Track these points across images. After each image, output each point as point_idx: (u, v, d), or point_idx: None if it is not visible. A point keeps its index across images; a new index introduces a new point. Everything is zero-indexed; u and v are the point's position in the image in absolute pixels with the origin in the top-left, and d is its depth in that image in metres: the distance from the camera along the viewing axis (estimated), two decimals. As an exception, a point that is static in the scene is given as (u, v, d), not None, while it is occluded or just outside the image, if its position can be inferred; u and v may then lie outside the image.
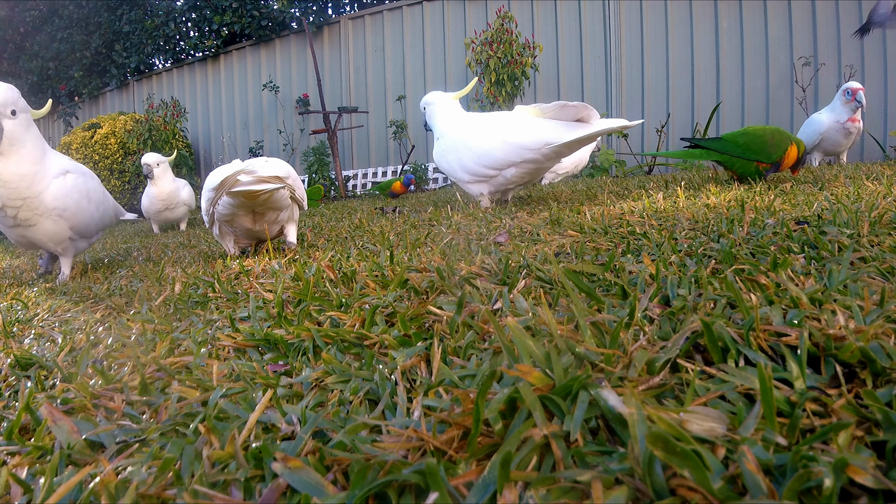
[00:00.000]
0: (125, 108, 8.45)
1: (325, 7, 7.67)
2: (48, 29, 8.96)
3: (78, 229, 1.85)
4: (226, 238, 1.86)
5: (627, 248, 1.08)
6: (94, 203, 1.92)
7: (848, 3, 4.73)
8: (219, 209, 1.65)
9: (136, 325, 1.01)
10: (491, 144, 2.12)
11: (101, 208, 1.96)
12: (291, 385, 0.66)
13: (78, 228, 1.85)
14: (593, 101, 5.68)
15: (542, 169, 2.17)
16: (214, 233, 1.92)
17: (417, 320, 0.80)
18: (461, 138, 2.26)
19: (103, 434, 0.59)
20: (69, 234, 1.84)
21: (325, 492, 0.43)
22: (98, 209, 1.94)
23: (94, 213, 1.91)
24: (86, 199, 1.86)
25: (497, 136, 2.12)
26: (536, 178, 2.25)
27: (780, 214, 1.25)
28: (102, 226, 2.03)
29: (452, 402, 0.53)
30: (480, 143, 2.16)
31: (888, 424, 0.43)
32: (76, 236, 1.88)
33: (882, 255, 0.84)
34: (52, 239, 1.82)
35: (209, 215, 1.72)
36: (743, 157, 2.15)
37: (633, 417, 0.43)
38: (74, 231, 1.85)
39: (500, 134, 2.12)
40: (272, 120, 7.40)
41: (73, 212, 1.81)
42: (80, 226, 1.85)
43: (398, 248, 1.43)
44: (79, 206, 1.83)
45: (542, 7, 5.86)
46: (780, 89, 5.04)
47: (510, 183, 2.21)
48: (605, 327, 0.65)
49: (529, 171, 2.14)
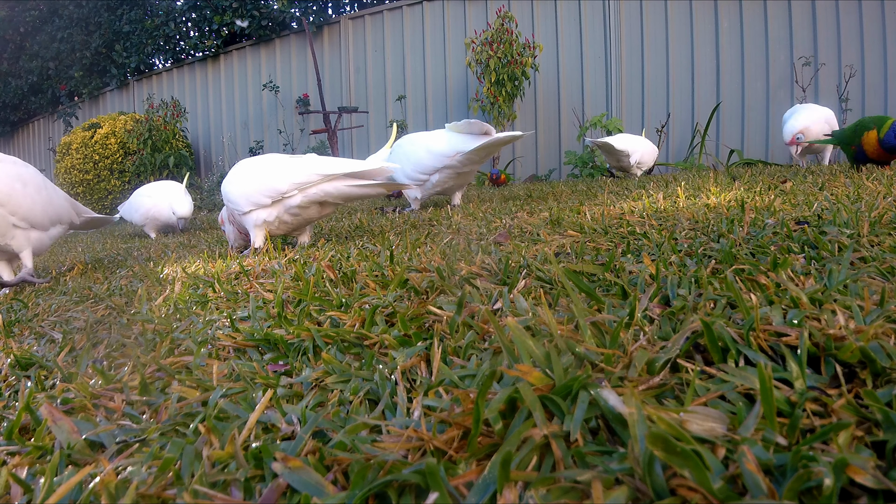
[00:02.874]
0: (125, 108, 8.45)
1: (325, 7, 7.67)
2: (48, 29, 8.96)
3: (20, 214, 1.79)
4: (239, 237, 1.99)
5: (627, 248, 1.08)
6: (32, 187, 1.85)
7: (848, 3, 4.73)
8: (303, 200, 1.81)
9: (136, 325, 1.01)
10: (419, 155, 2.70)
11: (42, 193, 1.89)
12: (291, 385, 0.66)
13: (20, 214, 1.79)
14: (593, 101, 5.69)
15: (462, 174, 2.71)
16: (228, 231, 1.98)
17: (417, 320, 0.80)
18: (403, 152, 2.81)
19: (103, 434, 0.59)
20: (12, 220, 1.77)
21: (325, 492, 0.43)
22: (39, 194, 1.87)
23: (34, 196, 1.84)
24: (20, 183, 1.79)
25: (423, 147, 2.69)
26: (461, 183, 2.81)
27: (780, 214, 1.25)
28: (55, 216, 1.96)
29: (452, 402, 0.53)
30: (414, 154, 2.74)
31: (888, 424, 0.43)
32: (23, 224, 1.82)
33: (882, 255, 0.84)
34: None
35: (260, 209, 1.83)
36: (843, 142, 2.47)
37: (633, 417, 0.43)
38: (17, 217, 1.79)
39: (425, 145, 2.69)
40: (272, 120, 7.40)
41: (6, 195, 1.74)
42: (20, 210, 1.79)
43: (398, 248, 1.43)
44: (12, 190, 1.76)
45: (542, 7, 5.86)
46: (780, 89, 5.03)
47: (437, 186, 2.74)
48: (605, 327, 0.65)
49: (450, 175, 2.69)
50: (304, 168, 1.82)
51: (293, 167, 1.84)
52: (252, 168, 1.93)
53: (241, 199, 1.87)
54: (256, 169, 1.91)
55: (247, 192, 1.86)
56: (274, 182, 1.82)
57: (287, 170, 1.84)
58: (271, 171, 1.86)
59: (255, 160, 1.99)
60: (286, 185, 1.81)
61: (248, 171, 1.92)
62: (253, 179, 1.87)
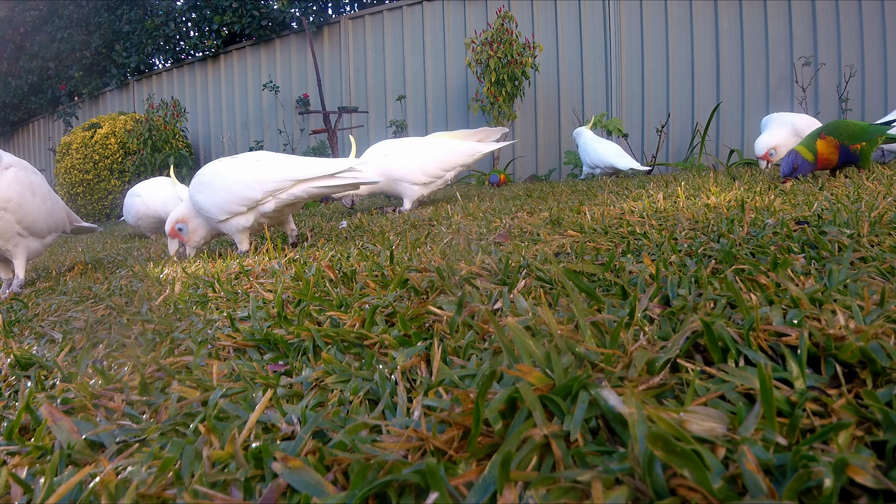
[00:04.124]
0: (125, 108, 8.45)
1: (325, 7, 7.67)
2: (48, 29, 8.96)
3: (25, 223, 1.78)
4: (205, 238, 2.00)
5: (627, 248, 1.08)
6: (40, 197, 1.85)
7: (848, 3, 4.72)
8: (276, 205, 1.84)
9: (136, 325, 1.01)
10: (442, 153, 3.15)
11: (47, 203, 1.89)
12: (291, 385, 0.66)
13: (25, 223, 1.78)
14: (593, 101, 5.68)
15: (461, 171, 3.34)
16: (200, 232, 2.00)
17: (417, 320, 0.80)
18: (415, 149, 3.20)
19: (103, 434, 0.59)
20: (17, 228, 1.76)
21: (325, 492, 0.43)
22: (45, 203, 1.87)
23: (40, 206, 1.84)
24: (30, 192, 1.79)
25: (448, 148, 3.17)
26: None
27: (780, 214, 1.25)
28: (54, 225, 1.95)
29: (452, 402, 0.53)
30: (440, 152, 3.15)
31: (888, 424, 0.43)
32: (25, 232, 1.81)
33: (882, 255, 0.84)
34: (1, 235, 1.74)
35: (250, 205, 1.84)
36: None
37: (633, 417, 0.43)
38: (22, 226, 1.78)
39: (450, 146, 3.18)
40: (272, 120, 7.40)
41: (17, 203, 1.73)
42: (26, 220, 1.78)
43: (398, 248, 1.43)
44: (22, 199, 1.75)
45: (542, 7, 5.86)
46: (780, 89, 5.03)
47: (445, 183, 3.23)
48: (605, 327, 0.65)
49: (458, 172, 3.28)
50: (275, 174, 1.84)
51: (264, 173, 1.85)
52: (221, 175, 1.90)
53: (214, 209, 1.88)
54: (225, 176, 1.89)
55: (220, 203, 1.87)
56: (246, 191, 1.84)
57: (258, 177, 1.84)
58: (242, 178, 1.85)
59: (219, 165, 1.97)
60: (260, 194, 1.83)
61: (217, 179, 1.90)
62: (224, 188, 1.87)
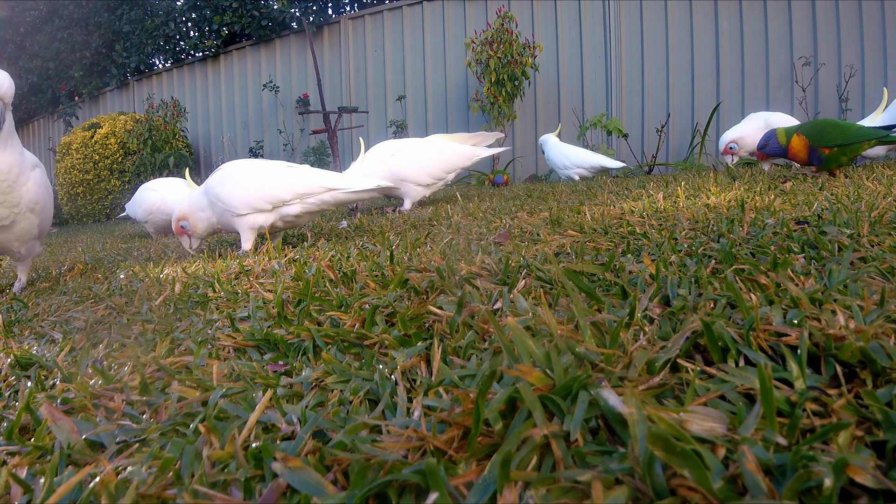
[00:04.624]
0: (125, 108, 8.45)
1: (325, 7, 7.67)
2: (48, 29, 8.96)
3: (43, 225, 1.76)
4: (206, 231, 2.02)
5: (627, 248, 1.08)
6: (51, 198, 1.82)
7: (848, 3, 4.72)
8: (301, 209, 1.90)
9: (136, 325, 1.01)
10: (445, 155, 3.14)
11: (51, 204, 1.85)
12: (291, 385, 0.66)
13: (43, 225, 1.76)
14: (593, 101, 5.69)
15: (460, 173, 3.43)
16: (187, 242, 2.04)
17: (417, 320, 0.80)
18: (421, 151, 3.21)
19: (103, 434, 0.59)
20: (36, 231, 1.73)
21: (325, 492, 0.43)
22: (52, 205, 1.84)
23: (51, 209, 1.82)
24: (48, 194, 1.76)
25: (450, 150, 3.16)
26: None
27: (780, 214, 1.25)
28: (47, 229, 1.91)
29: (452, 402, 0.53)
30: (443, 154, 3.16)
31: (888, 424, 0.43)
32: (38, 234, 1.77)
33: (882, 255, 0.84)
34: (20, 237, 1.68)
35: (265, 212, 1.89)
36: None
37: (633, 417, 0.43)
38: (40, 228, 1.74)
39: (452, 149, 3.17)
40: (272, 120, 7.40)
41: (42, 205, 1.70)
42: (45, 222, 1.76)
43: (398, 248, 1.43)
44: (47, 200, 1.73)
45: (542, 7, 5.86)
46: (780, 89, 5.03)
47: (445, 184, 3.26)
48: (605, 327, 0.65)
49: (458, 174, 3.39)
50: (306, 179, 1.91)
51: (294, 177, 1.92)
52: (248, 172, 1.95)
53: (236, 202, 1.90)
54: (254, 174, 1.94)
55: (245, 196, 1.90)
56: (276, 190, 1.89)
57: (289, 179, 1.91)
58: (272, 178, 1.92)
59: (247, 165, 2.01)
60: (289, 195, 1.89)
61: (244, 175, 1.94)
62: (253, 184, 1.91)
